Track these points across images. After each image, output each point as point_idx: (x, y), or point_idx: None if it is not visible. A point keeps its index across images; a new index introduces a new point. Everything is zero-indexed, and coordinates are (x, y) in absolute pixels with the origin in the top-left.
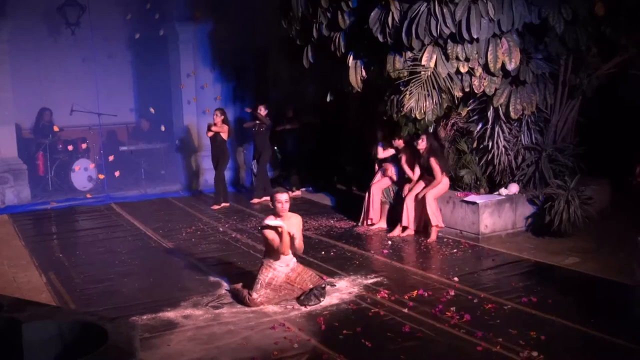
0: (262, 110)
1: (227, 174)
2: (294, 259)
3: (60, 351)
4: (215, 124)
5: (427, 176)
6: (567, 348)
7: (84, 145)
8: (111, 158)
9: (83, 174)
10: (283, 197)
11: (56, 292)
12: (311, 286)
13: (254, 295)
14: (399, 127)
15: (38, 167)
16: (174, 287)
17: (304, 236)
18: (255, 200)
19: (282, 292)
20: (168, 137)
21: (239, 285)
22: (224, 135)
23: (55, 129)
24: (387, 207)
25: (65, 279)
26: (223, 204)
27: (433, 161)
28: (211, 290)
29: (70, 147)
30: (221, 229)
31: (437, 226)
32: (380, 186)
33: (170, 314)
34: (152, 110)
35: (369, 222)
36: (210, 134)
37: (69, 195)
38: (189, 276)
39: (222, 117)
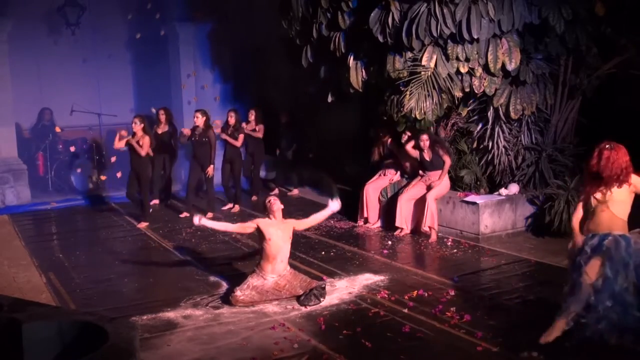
0: (199, 119)
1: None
2: (288, 267)
3: (60, 351)
4: (134, 135)
5: (433, 171)
6: (567, 348)
7: (84, 146)
8: (113, 159)
9: (83, 174)
10: (278, 206)
11: (56, 292)
12: (300, 292)
13: (238, 292)
14: (398, 125)
15: (38, 167)
16: (174, 287)
17: (305, 236)
18: (209, 215)
19: (268, 297)
20: None
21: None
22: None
23: (57, 129)
24: (385, 207)
25: (65, 279)
26: (144, 222)
27: (440, 148)
28: (211, 290)
29: (71, 148)
30: None
31: (432, 227)
32: (377, 186)
33: (170, 314)
34: (153, 110)
35: (364, 219)
36: (120, 144)
37: (69, 195)
38: (189, 276)
39: (142, 125)
